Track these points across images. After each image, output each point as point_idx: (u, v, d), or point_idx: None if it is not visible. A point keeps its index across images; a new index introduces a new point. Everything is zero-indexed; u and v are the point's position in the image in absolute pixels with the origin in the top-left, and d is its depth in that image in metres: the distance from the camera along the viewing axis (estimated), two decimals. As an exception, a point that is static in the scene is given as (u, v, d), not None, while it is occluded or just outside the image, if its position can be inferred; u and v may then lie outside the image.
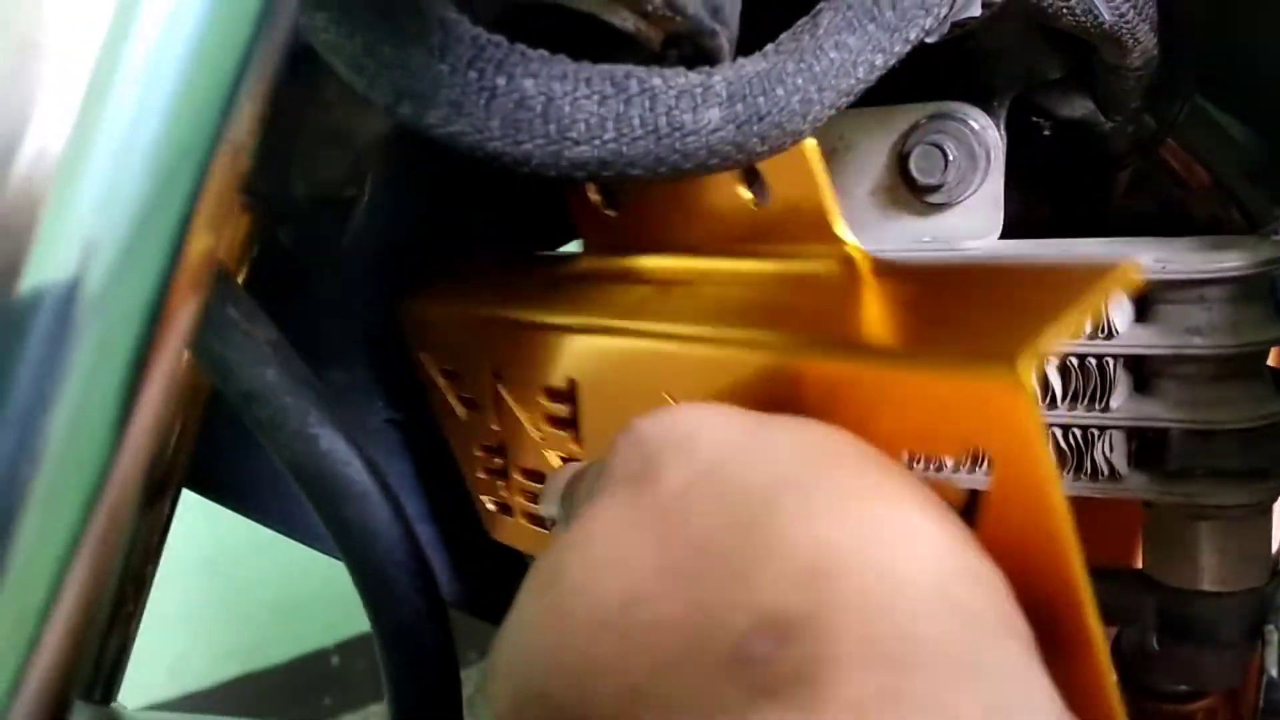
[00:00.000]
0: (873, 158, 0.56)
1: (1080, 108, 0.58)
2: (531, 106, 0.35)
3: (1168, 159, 0.70)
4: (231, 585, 2.28)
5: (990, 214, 0.54)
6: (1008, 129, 0.57)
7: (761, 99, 0.37)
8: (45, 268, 0.23)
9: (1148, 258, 0.47)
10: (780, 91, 0.38)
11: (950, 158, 0.53)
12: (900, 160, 0.55)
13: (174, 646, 2.20)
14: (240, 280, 0.50)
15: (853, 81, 0.39)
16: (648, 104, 0.36)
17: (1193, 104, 0.65)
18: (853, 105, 0.56)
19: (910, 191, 0.55)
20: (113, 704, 0.52)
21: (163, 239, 0.25)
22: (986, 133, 0.54)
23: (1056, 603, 0.33)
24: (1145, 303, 0.49)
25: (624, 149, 0.36)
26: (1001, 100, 0.55)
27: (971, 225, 0.54)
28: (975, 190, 0.54)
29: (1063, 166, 0.64)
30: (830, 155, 0.57)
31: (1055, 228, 0.67)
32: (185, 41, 0.25)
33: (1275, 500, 0.49)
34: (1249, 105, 0.67)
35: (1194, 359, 0.47)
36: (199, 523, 2.16)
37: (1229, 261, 0.46)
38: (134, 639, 0.49)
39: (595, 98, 0.36)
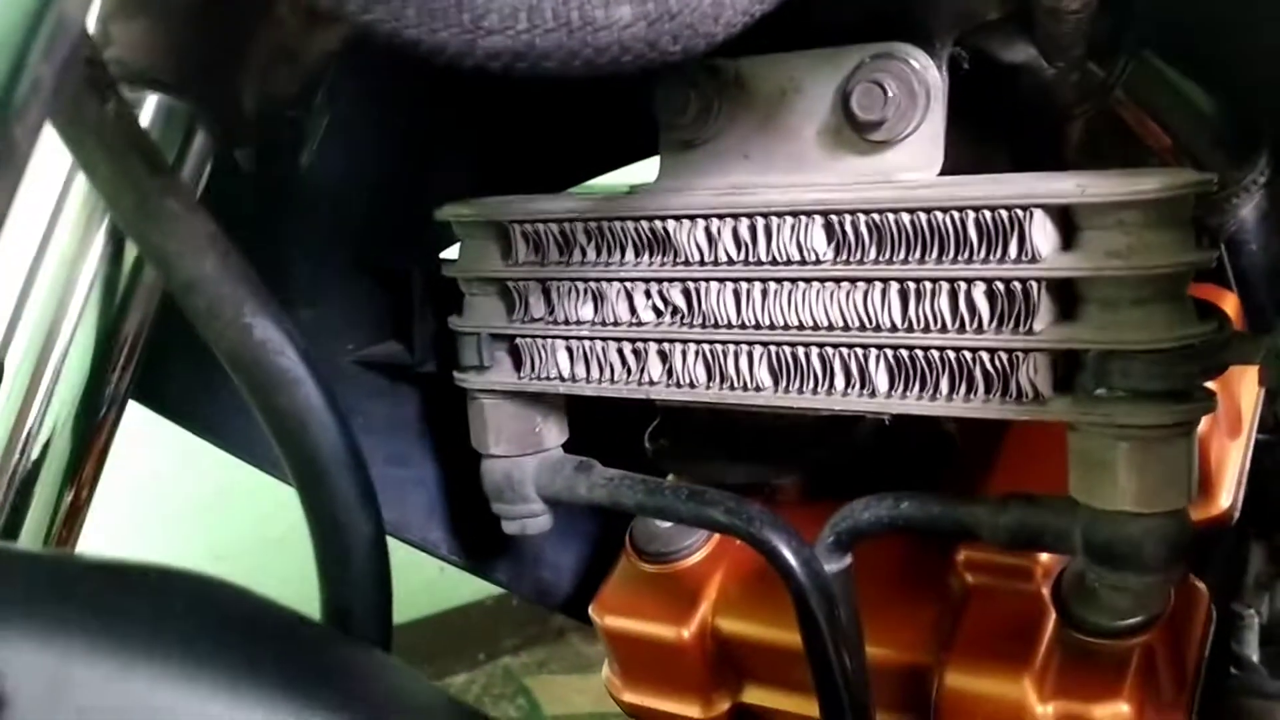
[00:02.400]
0: (819, 99, 0.58)
1: (1022, 53, 0.59)
2: (446, -4, 0.37)
3: (1126, 118, 0.71)
4: (237, 577, 2.30)
5: (930, 151, 0.55)
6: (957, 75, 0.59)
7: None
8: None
9: (1069, 183, 0.49)
10: (692, -7, 0.39)
11: (890, 94, 0.55)
12: (844, 99, 0.56)
13: (180, 635, 2.23)
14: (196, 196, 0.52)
15: (766, -12, 0.40)
16: (560, -2, 0.38)
17: (1145, 61, 0.67)
18: (800, 48, 0.59)
19: (854, 130, 0.56)
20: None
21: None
22: (927, 72, 0.55)
23: None
24: (1068, 229, 0.50)
25: (537, 40, 0.38)
26: (943, 41, 0.56)
27: (911, 161, 0.55)
28: (915, 128, 0.55)
29: (1013, 115, 0.65)
30: (779, 97, 0.59)
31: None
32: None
33: (1195, 422, 0.50)
34: (1202, 65, 0.68)
35: (1114, 281, 0.49)
36: (207, 520, 2.20)
37: (1148, 185, 0.47)
38: (79, 533, 0.51)
39: (509, -10, 0.37)
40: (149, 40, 0.48)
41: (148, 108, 0.49)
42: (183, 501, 2.15)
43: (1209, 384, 0.51)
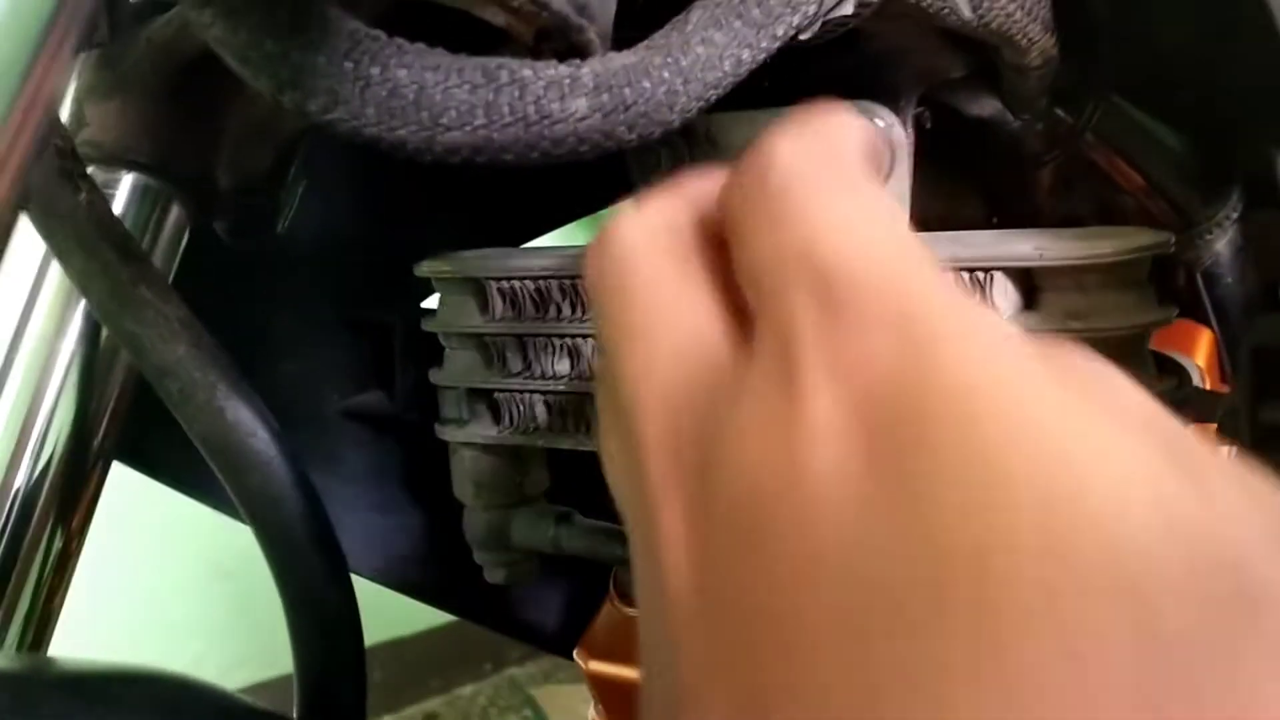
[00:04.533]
0: (788, 155, 0.58)
1: (988, 106, 0.60)
2: (404, 94, 0.38)
3: (1097, 161, 0.72)
4: (245, 593, 2.32)
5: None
6: (927, 129, 0.59)
7: (627, 90, 0.40)
8: None
9: (1028, 246, 0.50)
10: (646, 84, 0.40)
11: (855, 153, 0.55)
12: (811, 157, 0.57)
13: (187, 653, 2.25)
14: (173, 270, 0.53)
15: (719, 75, 0.41)
16: (517, 93, 0.39)
17: (1111, 103, 0.67)
18: (770, 106, 0.59)
19: (821, 187, 0.57)
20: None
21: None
22: (892, 130, 0.56)
23: None
24: (1030, 289, 0.51)
25: (494, 135, 0.39)
26: (908, 99, 0.57)
27: (877, 218, 0.56)
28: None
29: (983, 164, 0.66)
30: (749, 153, 0.60)
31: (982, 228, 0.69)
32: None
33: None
34: (1164, 105, 0.69)
35: (1074, 342, 0.49)
36: (212, 531, 2.21)
37: (1103, 249, 0.48)
38: (64, 597, 0.52)
39: (466, 86, 0.38)
40: (123, 121, 0.49)
41: (123, 185, 0.50)
42: (188, 518, 2.16)
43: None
